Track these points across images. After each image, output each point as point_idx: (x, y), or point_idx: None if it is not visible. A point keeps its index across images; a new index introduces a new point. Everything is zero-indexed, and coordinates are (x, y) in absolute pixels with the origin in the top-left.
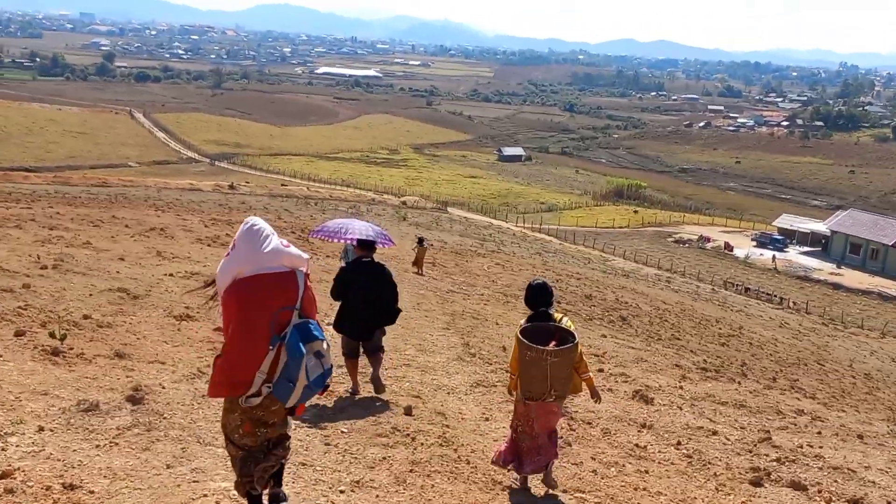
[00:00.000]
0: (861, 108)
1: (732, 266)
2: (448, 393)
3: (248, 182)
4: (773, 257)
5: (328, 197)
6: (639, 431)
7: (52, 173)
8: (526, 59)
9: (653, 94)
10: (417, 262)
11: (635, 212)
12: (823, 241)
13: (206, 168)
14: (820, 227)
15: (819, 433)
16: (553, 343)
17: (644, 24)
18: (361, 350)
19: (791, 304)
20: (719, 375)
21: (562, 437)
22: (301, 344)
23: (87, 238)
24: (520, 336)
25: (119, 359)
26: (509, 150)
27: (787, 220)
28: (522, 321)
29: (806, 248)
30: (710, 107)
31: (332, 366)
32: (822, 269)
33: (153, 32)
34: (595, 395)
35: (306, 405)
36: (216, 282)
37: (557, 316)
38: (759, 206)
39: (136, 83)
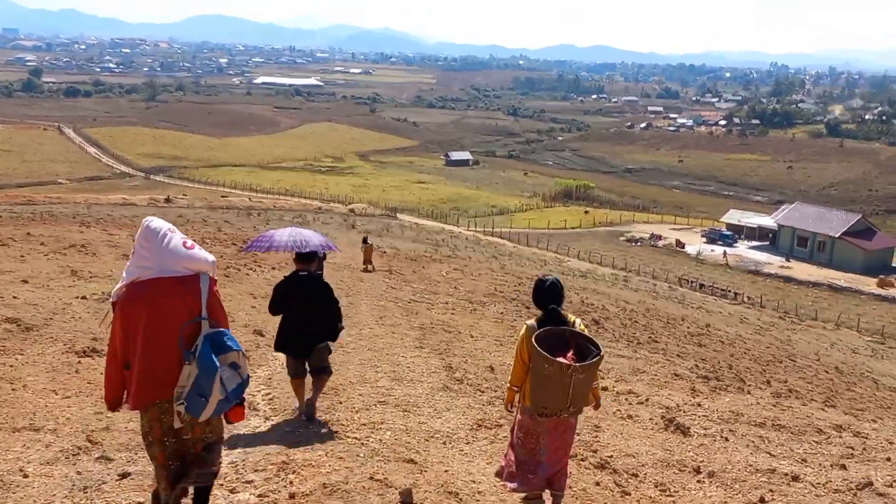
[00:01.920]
0: (794, 106)
1: (685, 263)
2: (446, 444)
3: (185, 195)
4: (724, 253)
5: (272, 207)
6: (700, 483)
7: None
8: (468, 64)
9: (594, 97)
10: (366, 260)
11: (586, 212)
12: (771, 235)
13: (140, 182)
14: (767, 221)
15: (888, 459)
16: (571, 352)
17: (582, 30)
18: (308, 369)
19: (746, 299)
20: (722, 385)
21: None
22: (214, 356)
23: None
24: (537, 347)
25: None
26: (456, 155)
27: (735, 216)
28: (530, 322)
29: (755, 243)
30: (649, 108)
31: (248, 376)
32: (772, 262)
33: (82, 47)
34: (598, 405)
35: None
36: (115, 295)
37: (570, 318)
38: (705, 203)
39: (65, 98)
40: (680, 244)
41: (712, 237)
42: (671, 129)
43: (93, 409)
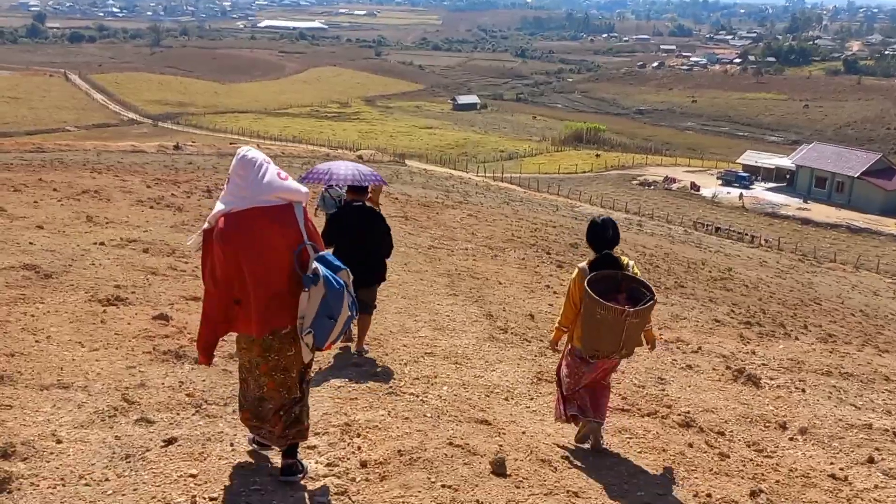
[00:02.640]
0: (811, 43)
1: (700, 206)
2: (509, 401)
3: (193, 142)
4: (741, 195)
5: (280, 154)
6: (794, 441)
7: None
8: (474, 4)
9: (604, 36)
10: (373, 200)
11: (597, 155)
12: (788, 176)
13: (148, 129)
14: (784, 162)
15: None
16: (623, 295)
17: None
18: None
19: (763, 242)
20: (766, 330)
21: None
22: (336, 275)
23: (1, 205)
24: (590, 291)
25: None
26: (463, 99)
27: (752, 157)
28: (582, 264)
29: (771, 185)
30: (662, 46)
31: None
32: (790, 204)
33: None
34: (652, 345)
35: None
36: (208, 221)
37: (624, 260)
38: (719, 145)
39: (69, 44)
40: (695, 187)
41: (728, 179)
42: (684, 67)
43: (124, 364)
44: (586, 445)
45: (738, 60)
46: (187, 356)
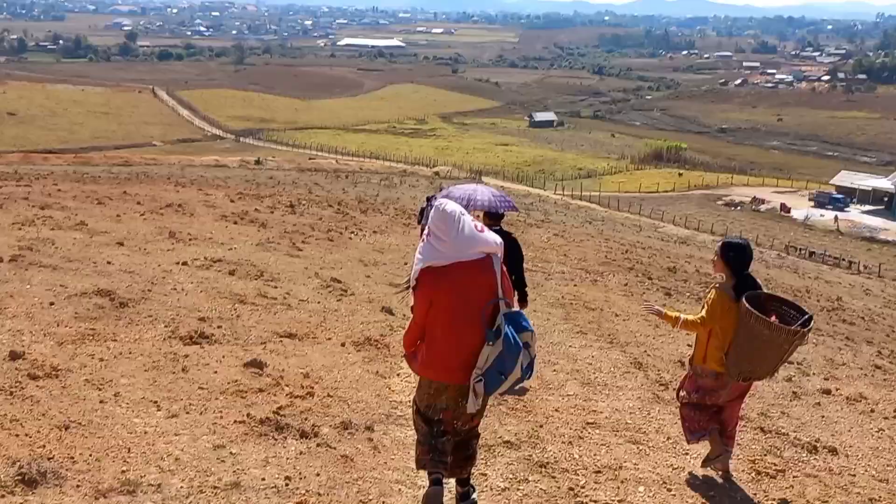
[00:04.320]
0: None
1: (791, 228)
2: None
3: (274, 157)
4: (835, 218)
5: (358, 170)
6: None
7: (74, 154)
8: (551, 22)
9: (684, 52)
10: None
11: (680, 174)
12: (887, 198)
13: (231, 144)
14: (883, 183)
15: None
16: (774, 317)
17: None
18: None
19: (862, 268)
20: None
21: None
22: (517, 336)
23: (83, 218)
24: (755, 312)
25: (30, 473)
26: (540, 116)
27: (846, 178)
28: (720, 283)
29: (868, 207)
30: (745, 63)
31: (535, 355)
32: (889, 228)
33: (174, 11)
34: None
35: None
36: (409, 278)
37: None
38: (807, 165)
39: (158, 62)
40: (785, 208)
41: (821, 201)
42: (769, 85)
43: (211, 441)
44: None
45: (826, 78)
46: (291, 428)
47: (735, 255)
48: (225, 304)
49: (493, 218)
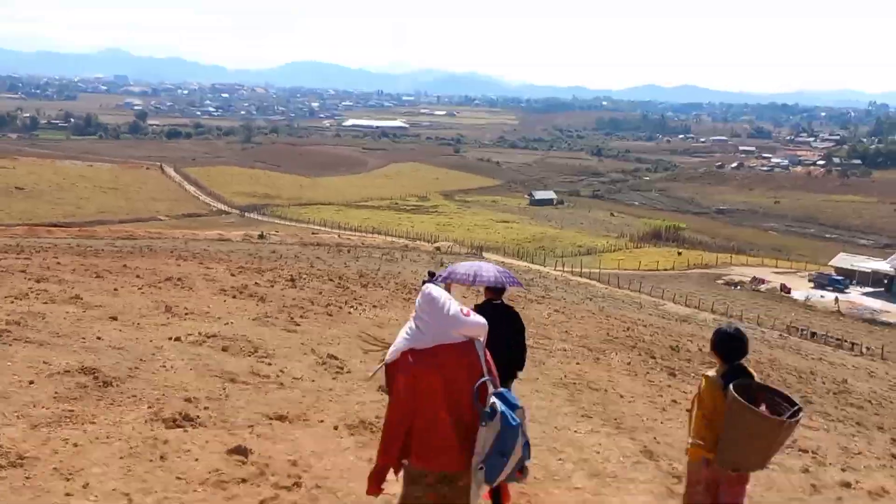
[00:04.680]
0: None
1: (792, 309)
2: None
3: (277, 231)
4: (836, 299)
5: (360, 244)
6: None
7: (79, 228)
8: (550, 106)
9: (680, 136)
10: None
11: (679, 253)
12: (886, 280)
13: (235, 219)
14: (883, 265)
15: None
16: (764, 407)
17: (667, 69)
18: None
19: (865, 350)
20: None
21: None
22: (512, 413)
23: (78, 291)
24: (742, 401)
25: None
26: (540, 194)
27: (845, 260)
28: (711, 373)
29: (868, 289)
30: (741, 147)
31: (528, 437)
32: (890, 310)
33: (185, 92)
34: None
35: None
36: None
37: (751, 371)
38: (805, 246)
39: (167, 140)
40: (785, 289)
41: (821, 282)
42: (765, 168)
43: None
44: None
45: (821, 162)
46: None
47: (726, 345)
48: (214, 383)
49: (496, 292)
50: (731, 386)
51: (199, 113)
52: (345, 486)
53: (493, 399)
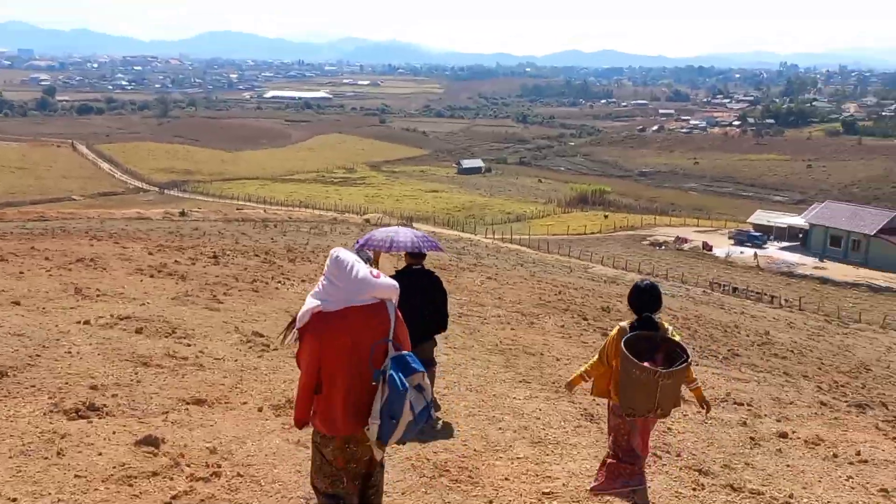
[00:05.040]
0: (808, 105)
1: (714, 266)
2: None
3: (200, 208)
4: (755, 255)
5: (287, 219)
6: None
7: None
8: (474, 73)
9: (603, 101)
10: (375, 264)
11: (605, 216)
12: (801, 235)
13: (155, 197)
14: (797, 221)
15: None
16: (661, 356)
17: (588, 36)
18: None
19: (784, 302)
20: (877, 414)
21: None
22: (403, 377)
23: None
24: (625, 351)
25: None
26: (468, 163)
27: (763, 216)
28: (623, 324)
29: (785, 244)
30: (660, 111)
31: (433, 399)
32: (805, 263)
33: (95, 65)
34: (706, 406)
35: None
36: (297, 318)
37: (665, 325)
38: (724, 205)
39: (78, 116)
40: (707, 246)
41: (740, 239)
42: (684, 130)
43: None
44: None
45: (737, 123)
46: None
47: (634, 297)
48: (125, 368)
49: (416, 257)
50: (623, 340)
51: (111, 87)
52: (269, 473)
53: (386, 362)
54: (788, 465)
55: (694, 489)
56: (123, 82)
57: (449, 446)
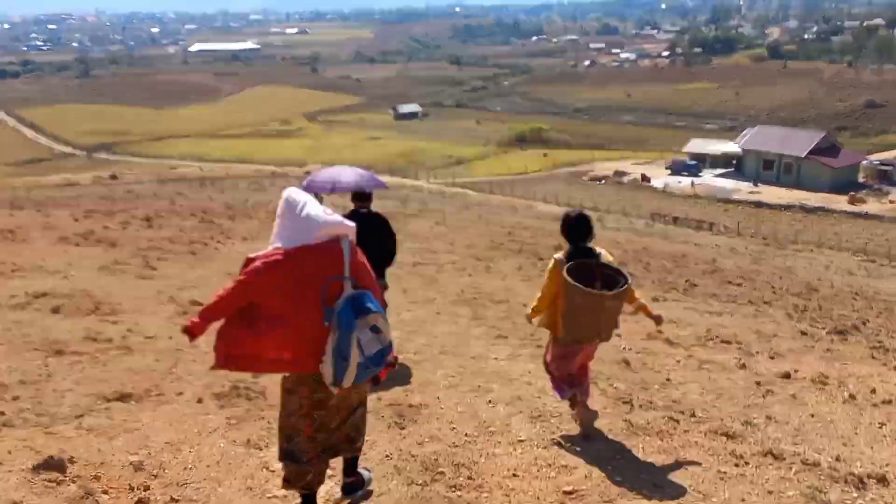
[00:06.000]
0: (734, 31)
1: (653, 197)
2: None
3: (132, 170)
4: (692, 183)
5: (226, 176)
6: None
7: None
8: (404, 16)
9: (534, 38)
10: None
11: (545, 155)
12: (735, 160)
13: (83, 161)
14: (731, 147)
15: None
16: (599, 283)
17: None
18: None
19: (723, 228)
20: (860, 340)
21: None
22: (353, 316)
23: None
24: (569, 279)
25: None
26: (405, 108)
27: (697, 145)
28: (558, 255)
29: (720, 171)
30: (591, 45)
31: (391, 342)
32: (740, 188)
33: (6, 26)
34: (657, 319)
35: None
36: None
37: (598, 250)
38: (659, 136)
39: None
40: (645, 178)
41: (677, 168)
42: (615, 64)
43: None
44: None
45: (666, 53)
46: None
47: (566, 227)
48: (34, 360)
49: (361, 199)
50: (564, 268)
51: (25, 48)
52: (212, 494)
53: (340, 301)
54: (813, 416)
55: (736, 464)
56: (39, 42)
57: (435, 433)
